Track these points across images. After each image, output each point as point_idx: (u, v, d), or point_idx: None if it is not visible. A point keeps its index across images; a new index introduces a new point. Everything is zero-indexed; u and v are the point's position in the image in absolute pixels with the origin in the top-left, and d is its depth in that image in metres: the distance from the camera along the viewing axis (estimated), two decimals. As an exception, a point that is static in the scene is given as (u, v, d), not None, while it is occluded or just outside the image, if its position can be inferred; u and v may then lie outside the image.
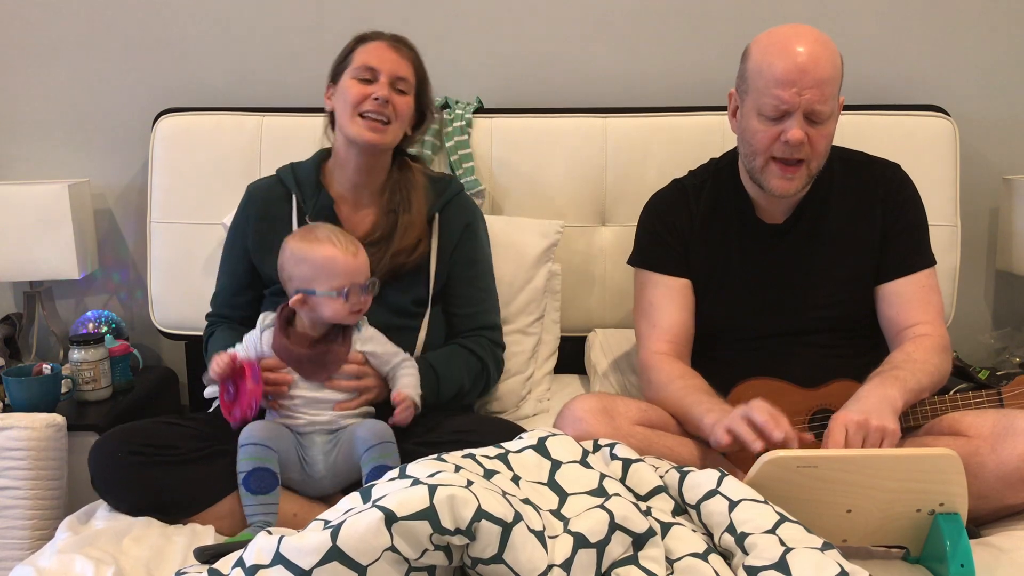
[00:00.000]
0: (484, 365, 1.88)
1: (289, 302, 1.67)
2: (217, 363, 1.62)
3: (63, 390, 2.12)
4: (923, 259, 1.74)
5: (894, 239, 1.73)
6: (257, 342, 1.71)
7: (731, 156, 1.83)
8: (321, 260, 1.64)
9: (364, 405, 1.71)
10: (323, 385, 1.67)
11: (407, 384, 1.70)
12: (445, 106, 2.32)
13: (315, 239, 1.67)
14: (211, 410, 1.99)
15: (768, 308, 1.74)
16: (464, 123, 2.27)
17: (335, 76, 1.86)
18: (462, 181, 2.24)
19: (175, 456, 1.59)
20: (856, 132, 2.18)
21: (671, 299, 1.80)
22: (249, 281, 1.89)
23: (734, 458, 1.67)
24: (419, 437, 1.67)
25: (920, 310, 1.70)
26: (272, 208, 1.88)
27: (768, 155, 1.64)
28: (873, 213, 1.74)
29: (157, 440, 1.60)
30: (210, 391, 2.13)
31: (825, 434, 1.48)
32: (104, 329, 2.40)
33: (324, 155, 1.92)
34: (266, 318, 1.73)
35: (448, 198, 1.89)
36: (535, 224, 2.18)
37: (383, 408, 1.73)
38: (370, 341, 1.72)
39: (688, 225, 1.79)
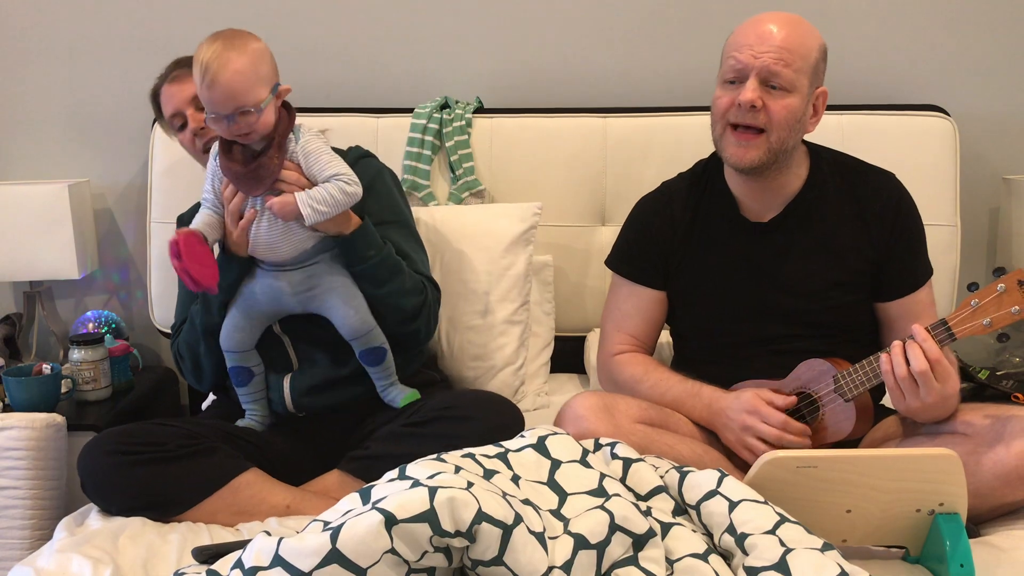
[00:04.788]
0: (424, 285, 1.80)
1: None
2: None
3: (63, 390, 2.12)
4: (923, 274, 1.72)
5: (896, 259, 1.70)
6: (212, 165, 1.70)
7: (717, 156, 1.80)
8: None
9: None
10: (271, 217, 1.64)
11: (311, 191, 1.62)
12: (445, 106, 2.33)
13: (195, 55, 1.61)
14: (204, 408, 1.99)
15: (755, 311, 1.72)
16: (464, 123, 2.27)
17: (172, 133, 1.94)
18: (462, 181, 2.25)
19: (163, 454, 1.59)
20: (856, 132, 2.19)
21: (640, 310, 1.81)
22: None
23: (733, 458, 1.67)
24: (404, 418, 1.68)
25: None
26: None
27: (725, 121, 1.62)
28: (868, 226, 1.70)
29: (144, 439, 1.60)
30: (207, 404, 2.14)
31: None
32: (104, 329, 2.40)
33: None
34: (216, 144, 1.70)
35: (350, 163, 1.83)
36: (511, 208, 2.16)
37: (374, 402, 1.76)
38: (303, 154, 1.65)
39: (670, 233, 1.78)
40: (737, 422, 1.60)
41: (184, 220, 1.95)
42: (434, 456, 1.29)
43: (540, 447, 1.37)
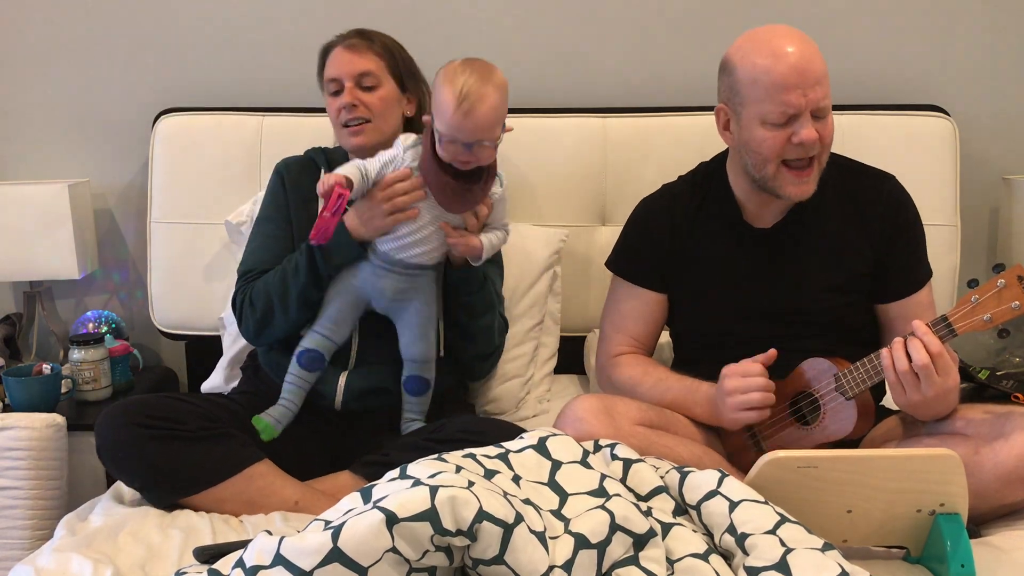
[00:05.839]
0: (505, 320, 1.94)
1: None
2: (324, 181, 1.63)
3: (63, 390, 2.12)
4: (923, 275, 1.73)
5: (896, 261, 1.71)
6: (399, 158, 1.72)
7: (719, 160, 1.81)
8: (437, 101, 1.65)
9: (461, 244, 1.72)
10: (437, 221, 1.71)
11: (491, 237, 1.76)
12: (445, 106, 2.33)
13: (449, 79, 1.64)
14: (228, 393, 1.98)
15: (757, 314, 1.72)
16: (464, 123, 2.27)
17: (322, 89, 1.93)
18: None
19: (181, 432, 1.59)
20: (856, 132, 2.19)
21: (639, 311, 1.82)
22: (292, 243, 1.87)
23: (734, 459, 1.68)
24: (427, 433, 1.69)
25: None
26: (303, 180, 1.89)
27: (779, 159, 1.62)
28: (869, 228, 1.71)
29: (165, 414, 1.60)
30: (207, 385, 2.15)
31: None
32: (104, 329, 2.40)
33: None
34: (408, 138, 1.74)
35: None
36: (540, 232, 2.18)
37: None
38: (499, 199, 1.77)
39: (669, 236, 1.78)
40: (723, 391, 1.60)
41: (285, 164, 1.95)
42: (435, 456, 1.29)
43: (541, 448, 1.37)
